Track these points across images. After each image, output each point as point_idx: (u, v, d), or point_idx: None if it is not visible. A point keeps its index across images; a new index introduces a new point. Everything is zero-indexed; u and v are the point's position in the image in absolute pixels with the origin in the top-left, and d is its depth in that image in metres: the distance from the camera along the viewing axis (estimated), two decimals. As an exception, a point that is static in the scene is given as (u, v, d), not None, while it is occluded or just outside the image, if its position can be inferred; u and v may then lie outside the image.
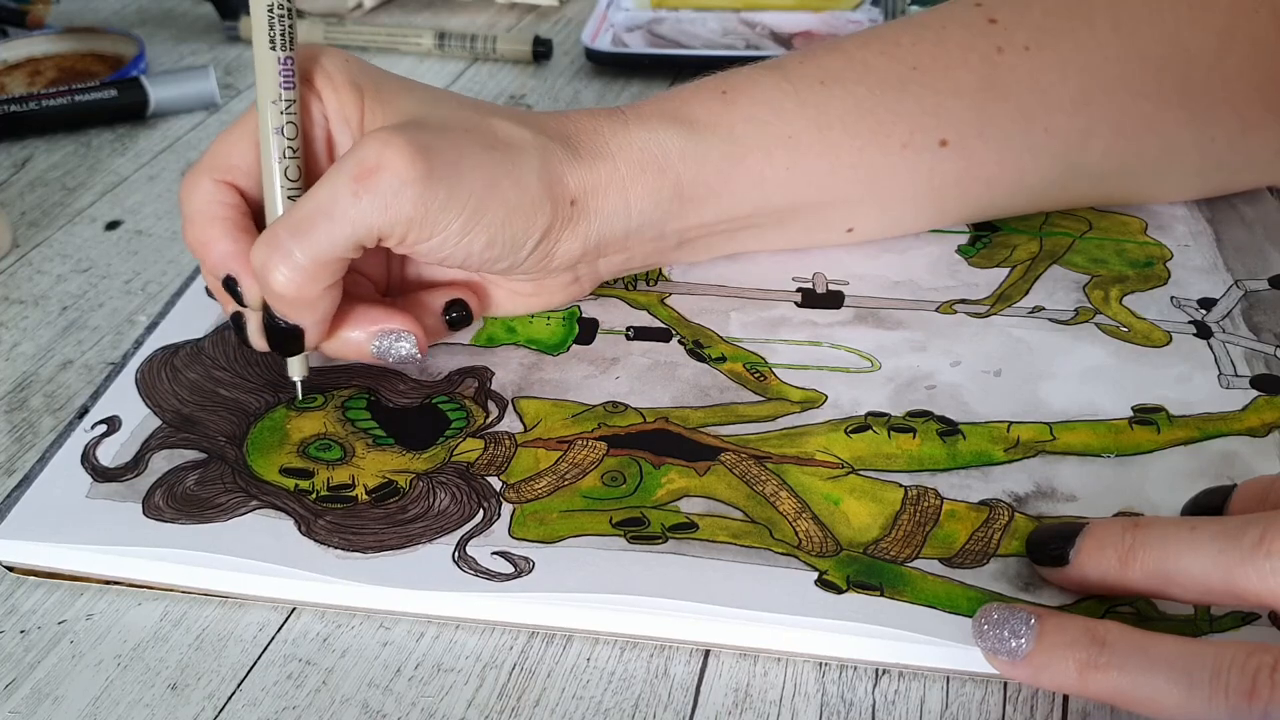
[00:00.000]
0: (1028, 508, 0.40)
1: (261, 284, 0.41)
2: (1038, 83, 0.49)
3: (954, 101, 0.48)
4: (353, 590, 0.38)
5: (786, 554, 0.38)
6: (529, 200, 0.42)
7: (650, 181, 0.45)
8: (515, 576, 0.37)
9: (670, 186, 0.46)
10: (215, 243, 0.42)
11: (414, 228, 0.40)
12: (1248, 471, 0.41)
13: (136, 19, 0.82)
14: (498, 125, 0.43)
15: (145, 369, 0.47)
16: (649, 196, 0.45)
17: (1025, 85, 0.48)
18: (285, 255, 0.40)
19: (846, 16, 0.75)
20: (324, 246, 0.40)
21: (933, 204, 0.51)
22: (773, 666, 0.36)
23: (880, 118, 0.48)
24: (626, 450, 0.42)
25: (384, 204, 0.39)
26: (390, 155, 0.39)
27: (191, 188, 0.43)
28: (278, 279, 0.40)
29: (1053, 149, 0.49)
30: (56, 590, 0.39)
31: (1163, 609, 0.36)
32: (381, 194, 0.39)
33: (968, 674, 0.35)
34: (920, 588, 0.37)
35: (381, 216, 0.40)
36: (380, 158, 0.39)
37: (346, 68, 0.43)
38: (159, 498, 0.41)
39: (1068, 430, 0.43)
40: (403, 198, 0.39)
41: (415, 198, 0.40)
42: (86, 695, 0.36)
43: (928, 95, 0.48)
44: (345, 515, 0.40)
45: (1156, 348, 0.46)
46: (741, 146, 0.46)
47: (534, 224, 0.43)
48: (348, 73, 0.43)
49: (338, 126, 0.43)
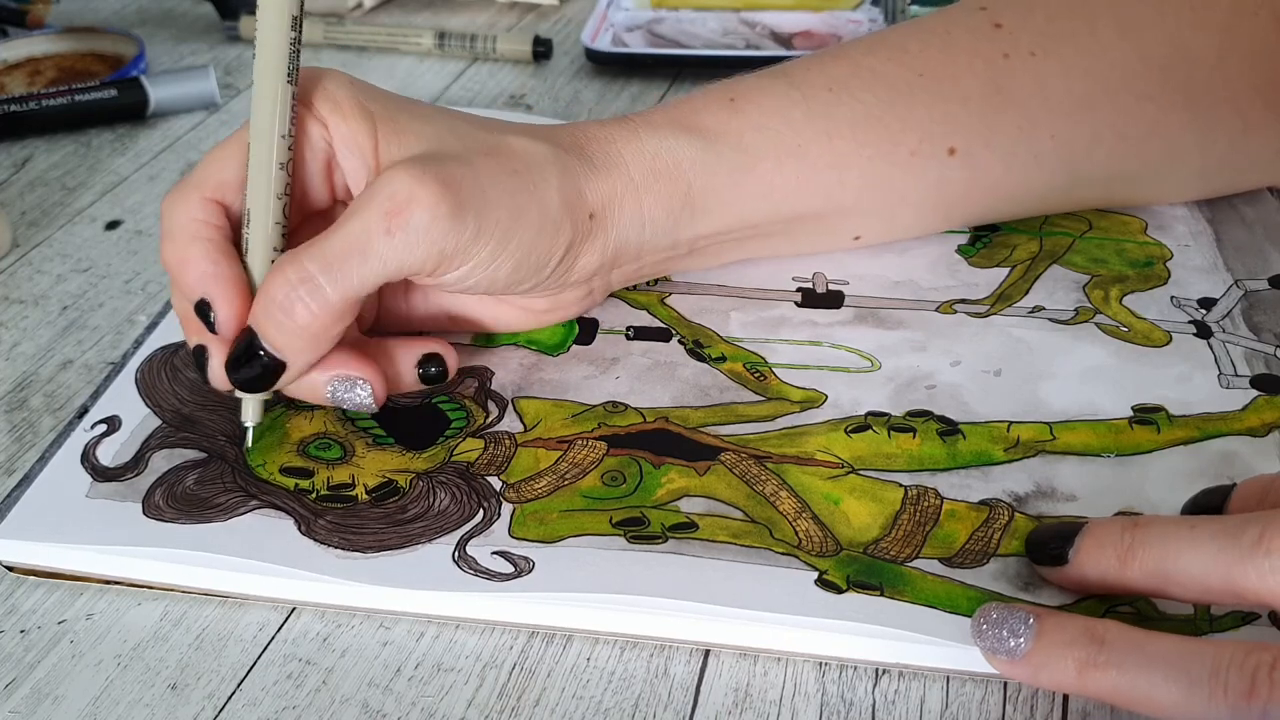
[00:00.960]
0: (1028, 507, 0.40)
1: (276, 317, 0.39)
2: (1043, 89, 0.48)
3: (961, 109, 0.48)
4: (352, 590, 0.38)
5: (787, 554, 0.38)
6: (552, 220, 0.42)
7: (663, 190, 0.45)
8: (515, 576, 0.37)
9: (682, 195, 0.45)
10: (195, 262, 0.40)
11: (444, 260, 0.40)
12: (1247, 471, 0.41)
13: (136, 19, 0.82)
14: (515, 144, 0.43)
15: (145, 369, 0.47)
16: (661, 205, 0.45)
17: (1031, 91, 0.48)
18: (314, 290, 0.38)
19: (846, 16, 0.75)
20: (354, 283, 0.39)
21: (939, 211, 0.51)
22: (773, 666, 0.36)
23: (889, 126, 0.47)
24: (626, 450, 0.42)
25: (416, 240, 0.39)
26: (421, 191, 0.39)
27: (177, 202, 0.41)
28: (301, 313, 0.39)
29: (1058, 155, 0.49)
30: (56, 590, 0.39)
31: (1163, 609, 0.36)
32: (414, 230, 0.39)
33: (968, 674, 0.35)
34: (920, 587, 0.37)
35: (413, 253, 0.39)
36: (411, 193, 0.39)
37: (354, 92, 0.42)
38: (159, 497, 0.41)
39: (1068, 430, 0.43)
40: (435, 233, 0.39)
41: (447, 232, 0.39)
42: (86, 695, 0.36)
43: (936, 103, 0.48)
44: (345, 515, 0.40)
45: (1156, 347, 0.46)
46: (751, 155, 0.46)
47: (557, 243, 0.43)
48: (356, 98, 0.42)
49: (345, 154, 0.42)
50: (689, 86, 0.70)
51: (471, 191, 0.40)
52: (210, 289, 0.40)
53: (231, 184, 0.41)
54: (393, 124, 0.41)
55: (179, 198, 0.41)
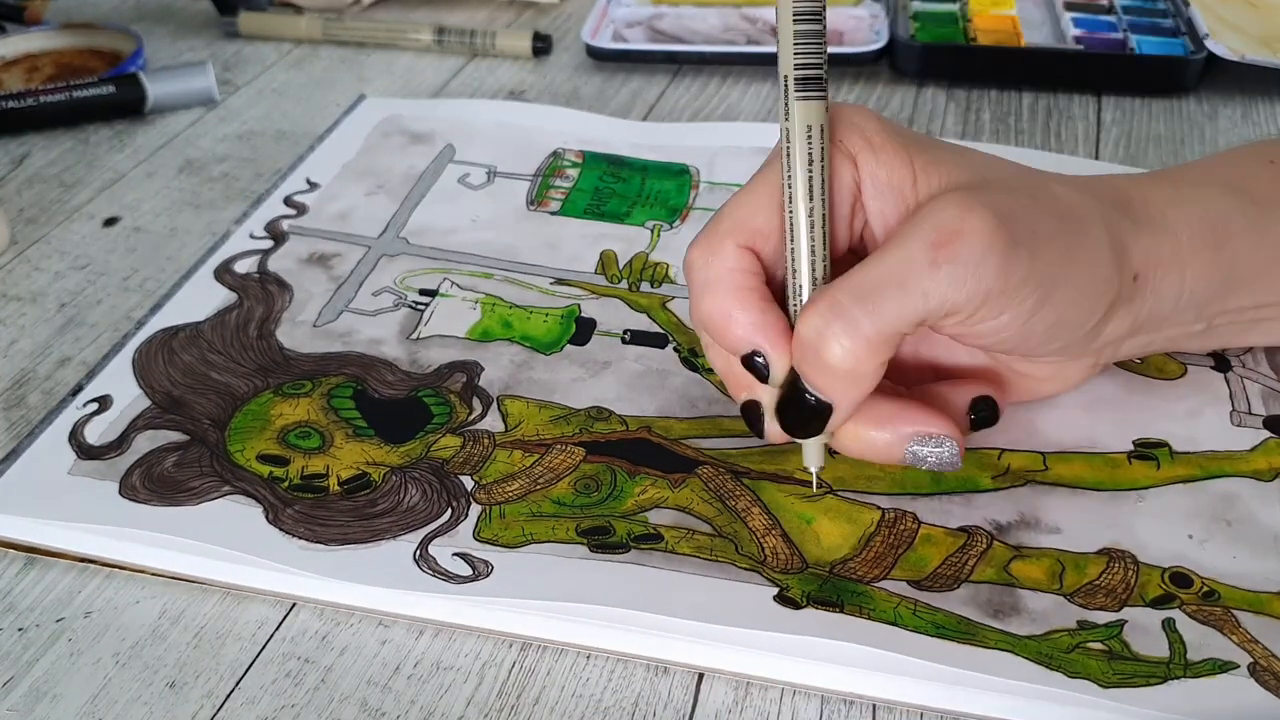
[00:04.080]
0: (1008, 536, 0.38)
1: (809, 355, 0.36)
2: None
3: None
4: (307, 582, 0.37)
5: (750, 569, 0.37)
6: (1101, 276, 0.38)
7: (1207, 258, 0.40)
8: (472, 580, 0.37)
9: (1226, 265, 0.40)
10: (741, 314, 0.37)
11: (987, 303, 0.36)
12: (1247, 516, 0.39)
13: (134, 15, 0.81)
14: (1057, 189, 0.39)
15: (144, 349, 0.47)
16: (1202, 275, 0.40)
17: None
18: (850, 324, 0.35)
19: (848, 12, 0.74)
20: (891, 319, 0.35)
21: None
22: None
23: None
24: (604, 457, 0.42)
25: (964, 276, 0.35)
26: (975, 222, 0.35)
27: (712, 252, 0.38)
28: (835, 351, 0.35)
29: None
30: (55, 588, 0.39)
31: (1135, 649, 0.35)
32: (963, 264, 0.35)
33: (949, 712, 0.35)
34: (883, 606, 0.36)
35: (959, 290, 0.35)
36: (962, 223, 0.35)
37: (885, 129, 0.38)
38: (136, 478, 0.41)
39: (1061, 461, 0.41)
40: (985, 269, 0.35)
41: (998, 269, 0.35)
42: (85, 693, 0.36)
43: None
44: (314, 506, 0.40)
45: (1169, 380, 0.45)
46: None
47: (1100, 302, 0.38)
48: (890, 135, 0.38)
49: (875, 193, 0.38)
50: (689, 82, 0.69)
51: (1024, 229, 0.36)
52: (759, 340, 0.37)
53: (764, 230, 0.38)
54: (929, 159, 0.38)
55: (712, 248, 0.38)
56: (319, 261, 0.52)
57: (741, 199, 0.38)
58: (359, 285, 0.51)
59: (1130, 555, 0.38)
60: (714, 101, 0.67)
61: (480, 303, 0.50)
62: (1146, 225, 0.40)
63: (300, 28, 0.76)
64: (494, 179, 0.58)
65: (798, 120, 0.37)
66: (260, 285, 0.51)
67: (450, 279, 0.51)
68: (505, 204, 0.56)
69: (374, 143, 0.61)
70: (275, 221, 0.55)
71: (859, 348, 0.35)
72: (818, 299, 0.36)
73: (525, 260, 0.52)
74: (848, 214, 0.38)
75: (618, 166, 0.59)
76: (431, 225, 0.55)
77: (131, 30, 0.74)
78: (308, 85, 0.70)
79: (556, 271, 0.52)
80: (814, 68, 0.37)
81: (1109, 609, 0.36)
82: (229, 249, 0.53)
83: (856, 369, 0.36)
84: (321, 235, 0.54)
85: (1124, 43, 0.69)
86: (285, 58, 0.74)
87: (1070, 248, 0.37)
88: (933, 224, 0.35)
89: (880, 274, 0.35)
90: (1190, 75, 0.67)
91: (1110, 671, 0.34)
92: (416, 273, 0.52)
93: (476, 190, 0.57)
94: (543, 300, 0.50)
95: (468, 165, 0.59)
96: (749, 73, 0.70)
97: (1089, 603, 0.36)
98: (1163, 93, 0.67)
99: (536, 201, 0.57)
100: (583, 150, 0.60)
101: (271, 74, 0.72)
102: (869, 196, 0.38)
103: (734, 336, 0.37)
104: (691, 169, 0.58)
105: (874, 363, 0.36)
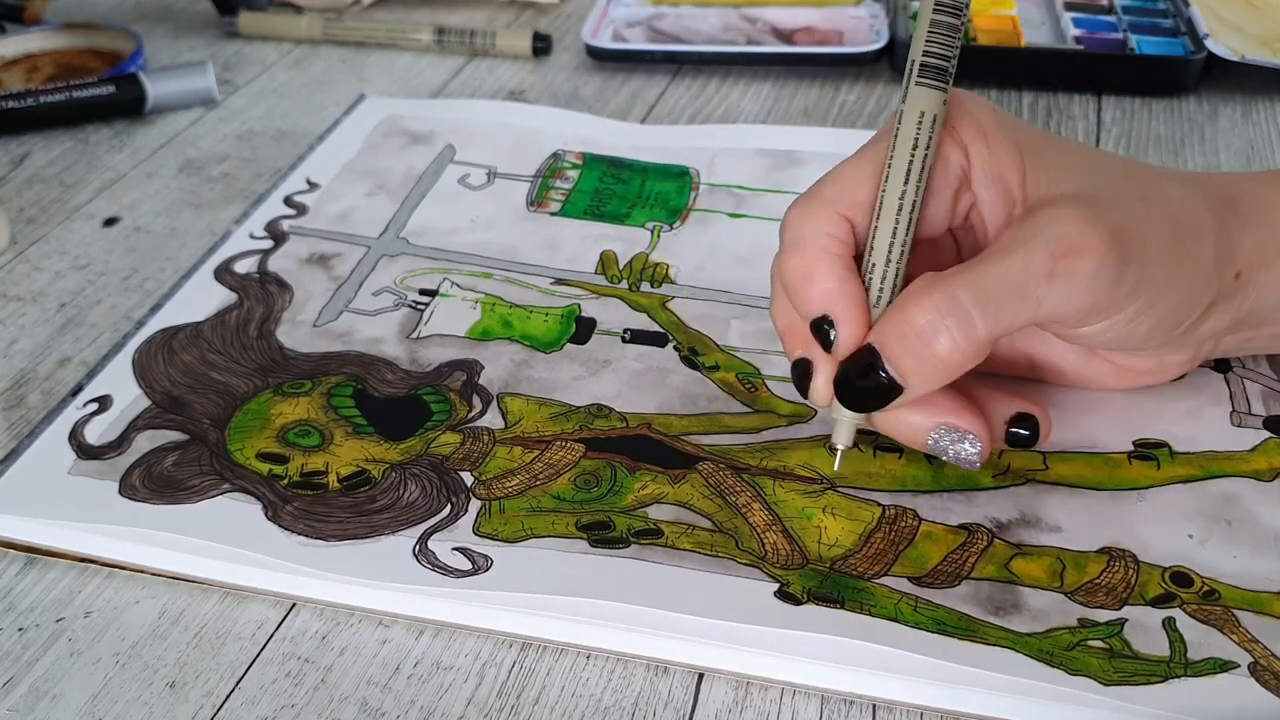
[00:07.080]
0: (1009, 534, 0.38)
1: (912, 342, 0.36)
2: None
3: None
4: (307, 581, 0.37)
5: (750, 564, 0.37)
6: (1204, 277, 0.38)
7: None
8: (473, 574, 0.37)
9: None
10: (822, 278, 0.37)
11: (1093, 313, 0.37)
12: (1248, 515, 0.39)
13: (134, 15, 0.81)
14: (1168, 189, 0.39)
15: (144, 349, 0.47)
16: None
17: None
18: (964, 321, 0.35)
19: (848, 12, 0.74)
20: (1004, 323, 0.36)
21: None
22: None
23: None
24: (604, 453, 0.42)
25: (1077, 289, 0.36)
26: (1095, 238, 0.35)
27: (808, 215, 0.38)
28: (944, 344, 0.35)
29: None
30: (55, 588, 0.39)
31: (1136, 648, 0.35)
32: (1078, 278, 0.35)
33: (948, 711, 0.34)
34: (883, 602, 0.36)
35: (1070, 302, 0.36)
36: (1083, 238, 0.35)
37: (1000, 121, 0.39)
38: (136, 477, 0.41)
39: (1062, 461, 0.41)
40: (1098, 284, 0.36)
41: (1109, 285, 0.36)
42: (85, 693, 0.36)
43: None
44: (313, 502, 0.40)
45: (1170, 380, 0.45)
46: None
47: (1201, 302, 0.39)
48: (1004, 128, 0.39)
49: (984, 183, 0.39)
50: (689, 83, 0.69)
51: (1136, 244, 0.36)
52: (834, 307, 0.37)
53: (864, 204, 0.38)
54: (1041, 157, 0.38)
55: (810, 211, 0.38)
56: (319, 261, 0.52)
57: (848, 169, 0.39)
58: (359, 285, 0.51)
59: (1131, 554, 0.38)
60: (714, 101, 0.67)
61: (480, 302, 0.50)
62: (1254, 221, 0.40)
63: (300, 28, 0.76)
64: (494, 180, 0.58)
65: (911, 104, 0.37)
66: (260, 285, 0.51)
67: (450, 279, 0.51)
68: (505, 204, 0.56)
69: (374, 143, 0.61)
70: (275, 221, 0.55)
71: (970, 346, 0.36)
72: (932, 290, 0.36)
73: (525, 260, 0.52)
74: (951, 197, 0.39)
75: (618, 168, 0.59)
76: (431, 225, 0.55)
77: (131, 30, 0.74)
78: (308, 85, 0.70)
79: (556, 272, 0.52)
80: (940, 58, 0.37)
81: (1109, 607, 0.36)
82: (229, 249, 0.53)
83: (958, 366, 0.36)
84: (321, 235, 0.54)
85: (1124, 43, 0.69)
86: (285, 58, 0.74)
87: (1178, 256, 0.38)
88: (1054, 234, 0.35)
89: (1000, 278, 0.36)
90: (1190, 75, 0.67)
91: (1111, 669, 0.34)
92: (416, 273, 0.52)
93: (477, 191, 0.57)
94: (543, 300, 0.50)
95: (468, 166, 0.59)
96: (749, 73, 0.70)
97: (1089, 601, 0.36)
98: (1163, 93, 0.67)
99: (536, 202, 0.57)
100: (583, 152, 0.60)
101: (271, 74, 0.72)
102: (979, 185, 0.39)
103: (807, 297, 0.38)
104: (691, 171, 0.58)
105: (976, 360, 0.36)
